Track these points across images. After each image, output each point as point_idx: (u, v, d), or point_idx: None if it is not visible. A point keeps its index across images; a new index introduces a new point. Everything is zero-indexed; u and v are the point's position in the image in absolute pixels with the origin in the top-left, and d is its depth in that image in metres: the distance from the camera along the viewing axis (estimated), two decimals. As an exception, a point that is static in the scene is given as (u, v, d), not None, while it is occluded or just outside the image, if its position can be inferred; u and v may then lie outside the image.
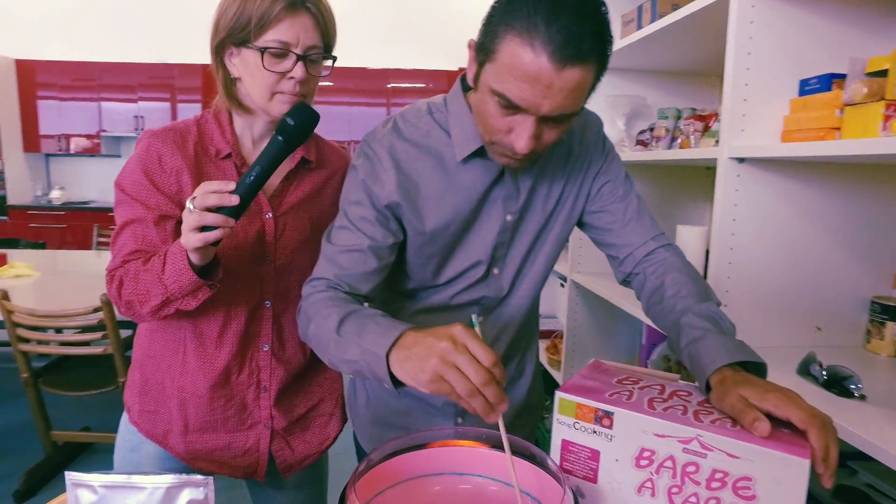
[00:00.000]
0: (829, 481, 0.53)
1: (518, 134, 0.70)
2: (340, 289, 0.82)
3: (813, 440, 0.54)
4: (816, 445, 0.53)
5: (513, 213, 0.87)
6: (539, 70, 0.63)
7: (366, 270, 0.82)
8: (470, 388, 0.58)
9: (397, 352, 0.64)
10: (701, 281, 0.82)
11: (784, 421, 0.56)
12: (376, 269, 0.83)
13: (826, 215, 1.19)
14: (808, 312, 1.23)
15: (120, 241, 0.90)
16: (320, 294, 0.80)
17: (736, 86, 1.14)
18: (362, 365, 0.69)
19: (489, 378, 0.58)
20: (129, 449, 1.02)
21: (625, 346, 2.12)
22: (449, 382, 0.58)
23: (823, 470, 0.53)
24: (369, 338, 0.68)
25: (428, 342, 0.61)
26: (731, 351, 0.65)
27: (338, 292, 0.81)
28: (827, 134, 1.04)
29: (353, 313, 0.74)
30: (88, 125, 5.43)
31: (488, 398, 0.58)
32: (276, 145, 0.81)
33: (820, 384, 1.00)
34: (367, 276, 0.83)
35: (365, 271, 0.82)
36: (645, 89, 1.94)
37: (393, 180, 0.82)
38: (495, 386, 0.58)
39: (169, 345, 0.98)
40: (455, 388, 0.58)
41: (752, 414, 0.56)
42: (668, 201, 1.96)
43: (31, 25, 5.50)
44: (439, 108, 0.86)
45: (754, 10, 1.11)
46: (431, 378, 0.59)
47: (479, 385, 0.58)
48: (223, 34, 0.88)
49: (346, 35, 4.89)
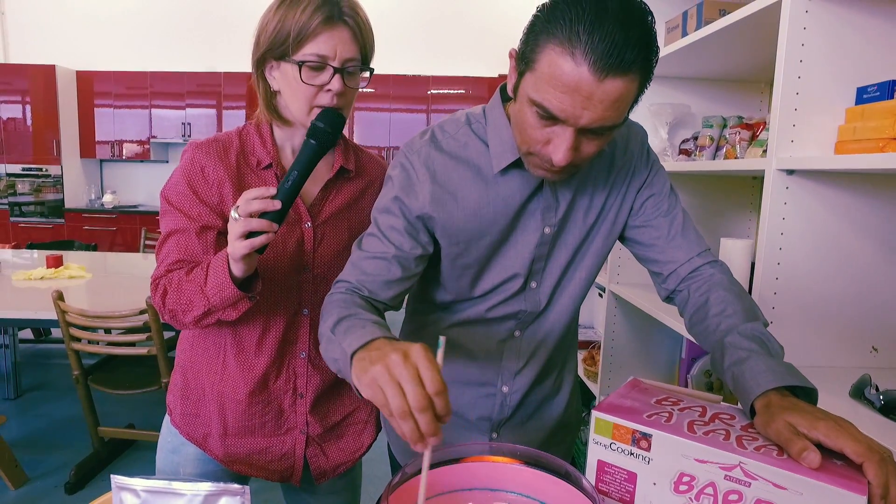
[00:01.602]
0: None
1: (556, 146, 0.69)
2: (360, 293, 0.82)
3: (870, 475, 0.50)
4: (874, 481, 0.50)
5: (551, 226, 0.85)
6: (579, 80, 0.62)
7: (388, 278, 0.82)
8: (403, 408, 0.55)
9: (360, 353, 0.63)
10: (748, 299, 0.79)
11: (837, 452, 0.53)
12: (399, 279, 0.83)
13: (881, 229, 1.13)
14: (862, 331, 1.16)
15: (164, 250, 0.94)
16: (339, 295, 0.81)
17: (786, 94, 1.09)
18: (341, 365, 0.68)
19: (426, 405, 0.55)
20: (171, 450, 1.05)
21: (664, 360, 2.06)
22: (385, 395, 0.56)
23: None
24: (348, 339, 0.67)
25: (384, 351, 0.59)
26: (779, 374, 0.62)
27: (355, 296, 0.81)
28: (886, 145, 0.99)
29: (352, 315, 0.74)
30: (139, 132, 5.69)
31: (420, 425, 0.55)
32: (310, 148, 0.83)
33: (876, 409, 0.95)
34: (388, 284, 0.82)
35: (387, 279, 0.82)
36: (688, 97, 1.89)
37: (427, 192, 0.82)
38: (430, 415, 0.55)
39: (210, 350, 1.00)
40: (389, 402, 0.56)
41: (800, 443, 0.52)
42: (712, 212, 1.90)
43: (90, 39, 5.80)
44: (478, 119, 0.85)
45: (808, 15, 1.07)
46: (369, 383, 0.58)
47: (415, 409, 0.55)
48: (264, 48, 0.91)
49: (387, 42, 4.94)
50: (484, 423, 0.95)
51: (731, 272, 0.85)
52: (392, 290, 0.83)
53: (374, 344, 0.64)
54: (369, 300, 0.82)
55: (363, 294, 0.82)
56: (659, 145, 1.86)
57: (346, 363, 0.66)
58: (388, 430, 1.04)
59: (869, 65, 1.09)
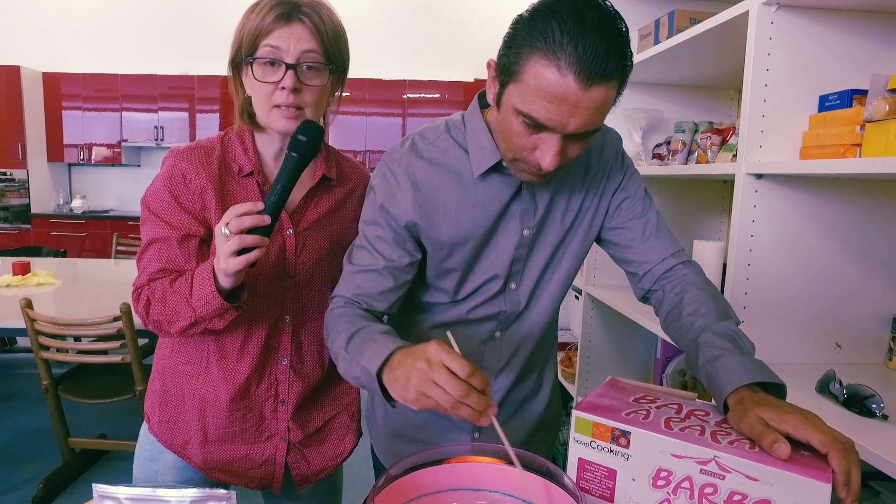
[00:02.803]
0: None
1: (543, 152, 0.71)
2: (358, 306, 0.84)
3: (834, 464, 0.53)
4: (838, 469, 0.53)
5: (530, 228, 0.88)
6: (566, 90, 0.64)
7: (382, 289, 0.85)
8: (452, 401, 0.62)
9: (387, 372, 0.70)
10: (720, 299, 0.82)
11: (805, 443, 0.56)
12: (392, 288, 0.85)
13: (845, 231, 1.18)
14: (827, 329, 1.21)
15: (145, 259, 0.92)
16: (339, 310, 0.84)
17: (754, 102, 1.13)
18: (364, 382, 0.74)
19: (467, 389, 0.62)
20: (149, 458, 1.03)
21: (640, 360, 2.10)
22: (433, 398, 0.63)
23: (846, 495, 0.53)
24: (366, 356, 0.73)
25: (408, 363, 0.66)
26: (750, 371, 0.64)
27: (354, 308, 0.84)
28: (847, 150, 1.03)
29: (361, 330, 0.78)
30: (110, 135, 5.55)
31: (473, 406, 0.62)
32: (292, 161, 0.83)
33: (840, 403, 0.99)
34: (383, 295, 0.85)
35: (381, 290, 0.85)
36: (661, 102, 1.94)
37: (410, 200, 0.84)
38: (476, 394, 0.62)
39: (191, 357, 0.99)
40: (439, 403, 0.63)
41: (771, 436, 0.55)
42: (684, 214, 1.95)
43: (57, 39, 5.65)
44: (457, 126, 0.87)
45: (773, 26, 1.11)
46: (416, 398, 0.64)
47: (460, 397, 0.62)
48: (232, 53, 0.92)
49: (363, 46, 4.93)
50: (466, 423, 0.95)
51: (703, 272, 0.88)
52: (387, 300, 0.86)
53: (394, 360, 0.70)
54: (368, 311, 0.85)
55: (361, 307, 0.84)
56: (633, 150, 1.91)
57: (372, 381, 0.71)
58: (372, 435, 1.05)
59: (830, 74, 1.14)
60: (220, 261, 0.79)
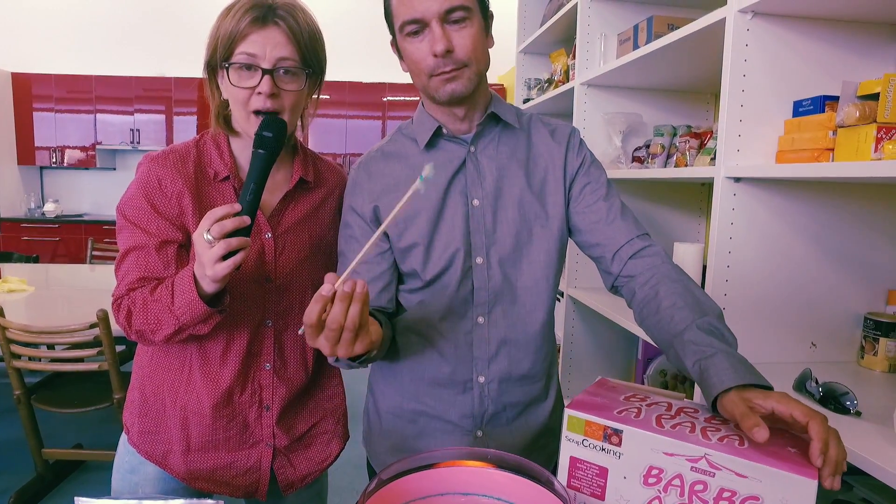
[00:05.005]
0: (829, 480, 0.54)
1: (432, 42, 0.83)
2: None
3: (813, 432, 0.55)
4: (817, 437, 0.55)
5: (479, 198, 0.92)
6: None
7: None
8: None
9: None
10: (696, 289, 0.82)
11: (791, 442, 0.57)
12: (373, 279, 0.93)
13: (821, 233, 1.22)
14: (803, 328, 1.24)
15: (123, 268, 0.91)
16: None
17: (732, 106, 1.16)
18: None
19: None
20: (129, 470, 1.01)
21: (621, 362, 2.13)
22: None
23: (822, 463, 0.53)
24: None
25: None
26: (740, 373, 0.66)
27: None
28: (821, 155, 1.06)
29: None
30: (83, 137, 5.42)
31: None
32: (259, 159, 0.84)
33: (816, 400, 1.02)
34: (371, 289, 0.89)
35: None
36: (640, 106, 1.97)
37: (367, 189, 0.94)
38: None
39: (173, 364, 0.98)
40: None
41: (752, 419, 0.57)
42: (664, 216, 1.98)
43: (27, 39, 5.50)
44: (407, 125, 0.99)
45: (749, 33, 1.14)
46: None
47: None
48: (207, 56, 0.91)
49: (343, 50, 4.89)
50: (467, 421, 0.95)
51: (670, 259, 0.90)
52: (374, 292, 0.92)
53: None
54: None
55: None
56: (613, 153, 1.93)
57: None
58: (371, 453, 1.04)
59: (804, 80, 1.17)
60: (205, 267, 0.78)
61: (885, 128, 0.94)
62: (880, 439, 0.86)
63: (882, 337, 1.19)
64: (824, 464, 0.54)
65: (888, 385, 1.13)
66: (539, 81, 2.71)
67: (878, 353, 1.20)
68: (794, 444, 0.58)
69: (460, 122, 0.93)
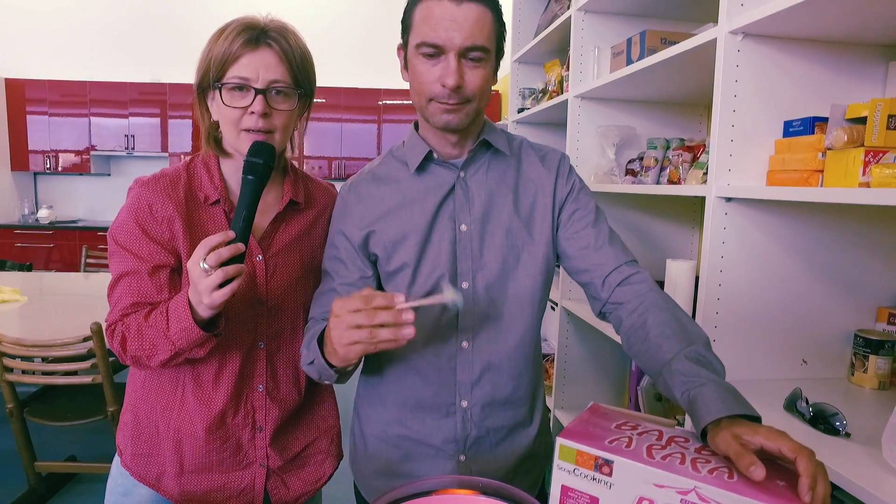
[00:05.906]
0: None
1: (445, 73, 0.83)
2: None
3: (801, 467, 0.56)
4: (805, 472, 0.55)
5: (467, 224, 0.92)
6: (443, 9, 0.81)
7: None
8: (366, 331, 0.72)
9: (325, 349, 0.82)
10: (683, 317, 0.83)
11: (779, 475, 0.58)
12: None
13: (811, 252, 1.23)
14: (794, 346, 1.26)
15: (116, 293, 0.91)
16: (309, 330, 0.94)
17: (723, 126, 1.17)
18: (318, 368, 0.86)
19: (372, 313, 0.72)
20: (122, 493, 1.01)
21: (615, 373, 2.14)
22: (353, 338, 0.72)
23: (810, 500, 0.54)
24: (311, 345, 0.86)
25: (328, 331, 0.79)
26: (729, 403, 0.66)
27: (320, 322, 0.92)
28: (810, 176, 1.08)
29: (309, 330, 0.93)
30: (77, 142, 5.39)
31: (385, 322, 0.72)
32: (250, 185, 0.84)
33: (806, 420, 1.02)
34: None
35: None
36: (634, 118, 1.99)
37: (357, 213, 0.95)
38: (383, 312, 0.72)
39: (165, 388, 0.98)
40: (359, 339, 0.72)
41: (748, 458, 0.57)
42: (658, 228, 1.99)
43: (21, 44, 5.49)
44: (398, 147, 0.99)
45: (740, 54, 1.15)
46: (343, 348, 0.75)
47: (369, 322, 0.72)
48: (198, 77, 0.92)
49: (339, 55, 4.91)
50: (450, 446, 0.96)
51: (657, 286, 0.90)
52: None
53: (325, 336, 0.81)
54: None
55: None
56: (606, 165, 1.94)
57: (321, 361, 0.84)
58: (357, 477, 1.04)
59: (795, 100, 1.18)
60: (202, 295, 0.79)
61: (872, 151, 0.96)
62: (871, 463, 0.87)
63: (872, 354, 1.20)
64: (812, 500, 0.54)
65: (878, 403, 1.14)
66: (534, 91, 2.72)
67: (868, 370, 1.21)
68: (782, 477, 0.59)
69: (452, 147, 0.94)
